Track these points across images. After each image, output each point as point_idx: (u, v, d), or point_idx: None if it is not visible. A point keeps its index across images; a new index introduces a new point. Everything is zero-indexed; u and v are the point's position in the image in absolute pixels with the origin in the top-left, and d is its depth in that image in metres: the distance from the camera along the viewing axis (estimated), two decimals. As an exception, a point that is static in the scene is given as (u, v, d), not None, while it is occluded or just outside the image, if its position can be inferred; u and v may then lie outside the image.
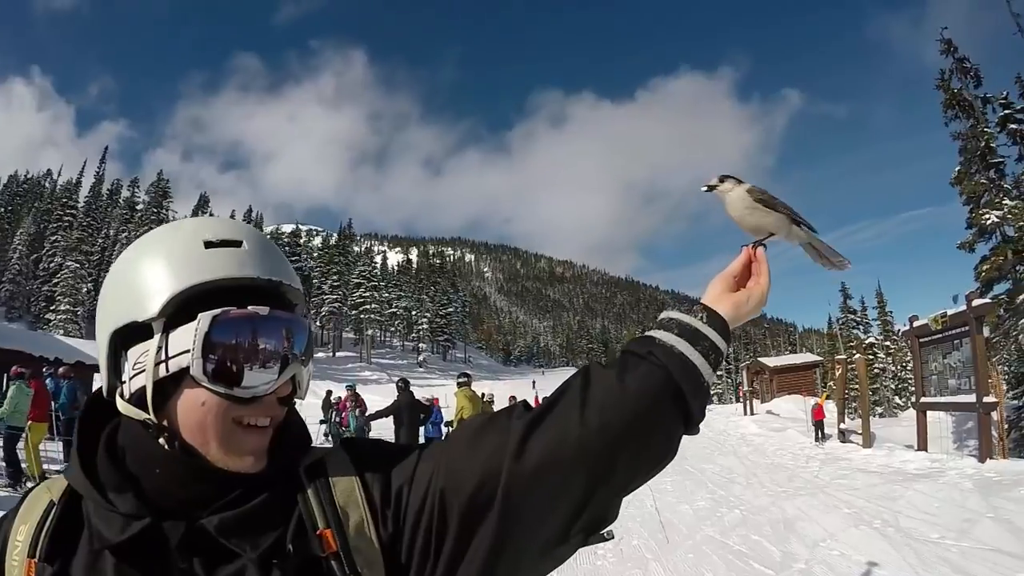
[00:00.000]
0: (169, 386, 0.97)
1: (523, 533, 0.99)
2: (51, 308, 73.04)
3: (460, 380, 13.89)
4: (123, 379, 1.00)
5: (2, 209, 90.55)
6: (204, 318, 0.95)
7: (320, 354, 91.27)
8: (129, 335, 0.99)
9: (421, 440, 15.03)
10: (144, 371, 0.97)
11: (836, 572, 7.31)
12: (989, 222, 22.85)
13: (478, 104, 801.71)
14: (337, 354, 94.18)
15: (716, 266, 1.27)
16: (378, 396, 38.10)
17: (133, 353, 0.99)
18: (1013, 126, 24.62)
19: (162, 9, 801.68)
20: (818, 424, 23.28)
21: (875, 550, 8.01)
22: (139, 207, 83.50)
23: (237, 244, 1.02)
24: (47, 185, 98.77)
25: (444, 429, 18.21)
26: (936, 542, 8.25)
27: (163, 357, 0.96)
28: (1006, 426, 16.81)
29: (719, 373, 1.26)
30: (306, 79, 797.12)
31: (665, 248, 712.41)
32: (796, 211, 1.41)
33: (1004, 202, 22.70)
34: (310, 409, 18.68)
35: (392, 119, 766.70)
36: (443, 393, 36.57)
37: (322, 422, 19.48)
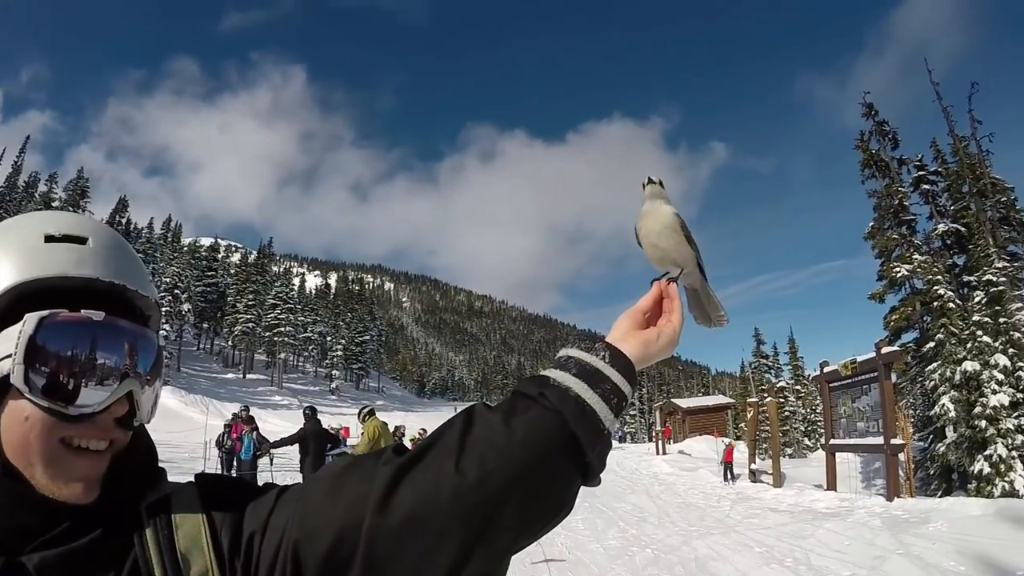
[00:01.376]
0: None
1: None
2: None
3: (364, 413, 13.53)
4: None
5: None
6: (30, 319, 0.85)
7: (230, 375, 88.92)
8: None
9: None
10: None
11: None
12: (899, 275, 24.08)
13: (412, 133, 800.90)
14: (248, 376, 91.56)
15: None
16: (287, 422, 37.27)
17: None
18: (926, 187, 26.34)
19: (106, 1, 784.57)
20: (727, 465, 23.68)
21: (788, 587, 7.97)
22: (55, 204, 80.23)
23: (81, 241, 0.92)
24: None
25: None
26: (847, 580, 8.26)
27: None
28: (912, 466, 17.46)
29: (630, 412, 1.04)
30: (243, 91, 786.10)
31: (585, 289, 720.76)
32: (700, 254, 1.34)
33: (914, 257, 23.92)
34: (213, 432, 17.85)
35: (325, 140, 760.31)
36: (354, 423, 36.05)
37: (218, 446, 18.05)
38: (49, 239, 0.90)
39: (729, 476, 23.43)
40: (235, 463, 16.22)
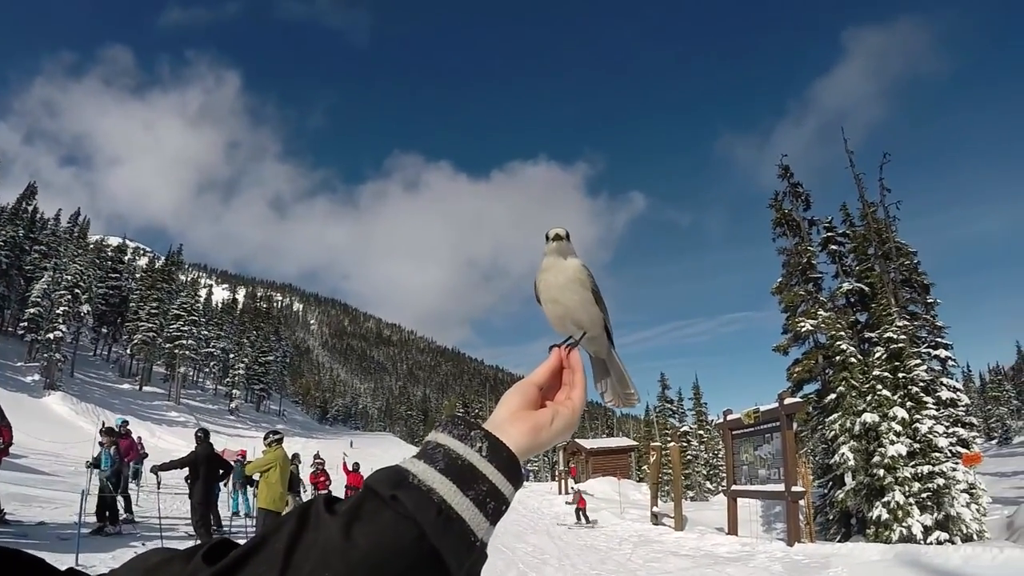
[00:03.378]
0: None
1: None
2: None
3: (271, 439, 12.67)
4: None
5: None
6: None
7: (126, 386, 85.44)
8: None
9: (219, 498, 14.12)
10: None
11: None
12: (804, 329, 25.02)
13: (338, 154, 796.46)
14: (144, 388, 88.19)
15: (545, 348, 1.02)
16: (183, 440, 36.04)
17: None
18: (834, 247, 27.57)
19: None
20: (579, 511, 24.34)
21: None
22: (-45, 179, 76.18)
23: None
24: None
25: (250, 490, 17.06)
26: (751, 625, 8.28)
27: None
28: (812, 511, 18.02)
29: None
30: (174, 89, 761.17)
31: (496, 325, 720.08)
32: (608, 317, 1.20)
33: (819, 312, 24.87)
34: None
35: (250, 151, 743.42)
36: (251, 445, 35.05)
37: (90, 465, 15.57)
38: None
39: (584, 519, 23.94)
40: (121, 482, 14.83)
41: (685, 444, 41.36)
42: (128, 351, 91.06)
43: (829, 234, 27.69)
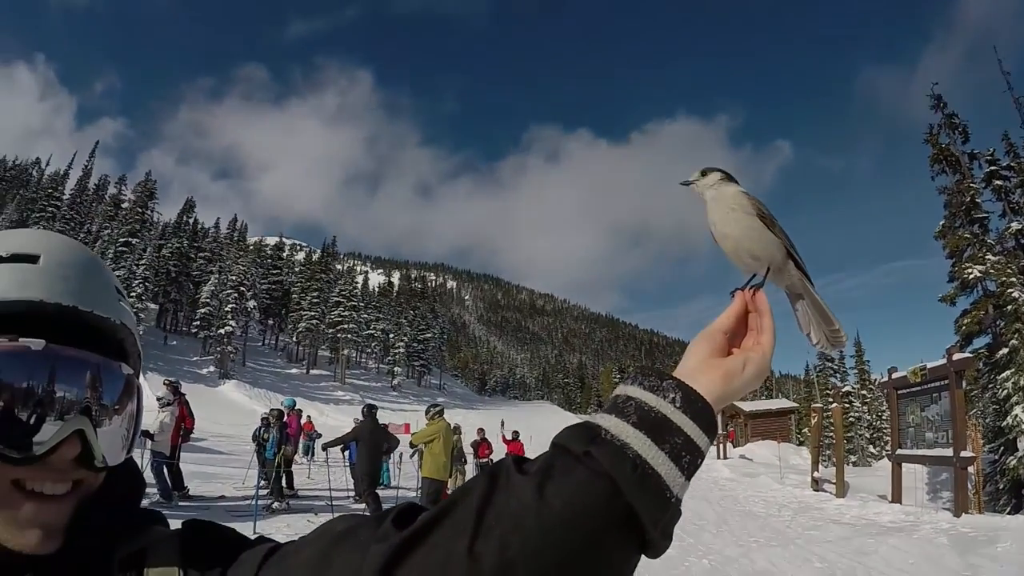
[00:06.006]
0: None
1: None
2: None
3: (433, 411, 13.17)
4: None
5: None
6: None
7: (294, 370, 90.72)
8: None
9: (385, 472, 14.58)
10: None
11: (807, 629, 6.98)
12: (971, 276, 23.05)
13: (476, 134, 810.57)
14: (311, 372, 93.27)
15: (700, 309, 0.86)
16: (348, 418, 37.74)
17: None
18: (998, 182, 25.03)
19: (175, 13, 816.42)
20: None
21: (848, 607, 7.72)
22: (124, 205, 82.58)
23: (32, 259, 0.83)
24: (35, 174, 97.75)
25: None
26: (911, 601, 7.97)
27: None
28: (982, 480, 16.86)
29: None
30: (310, 95, 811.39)
31: (648, 289, 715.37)
32: (792, 243, 1.06)
33: (987, 257, 22.89)
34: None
35: (390, 142, 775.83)
36: (415, 419, 36.35)
37: (256, 440, 16.43)
38: None
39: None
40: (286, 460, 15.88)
41: (847, 405, 39.19)
42: (294, 339, 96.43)
43: (992, 168, 25.20)
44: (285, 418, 16.60)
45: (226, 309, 73.82)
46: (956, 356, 15.90)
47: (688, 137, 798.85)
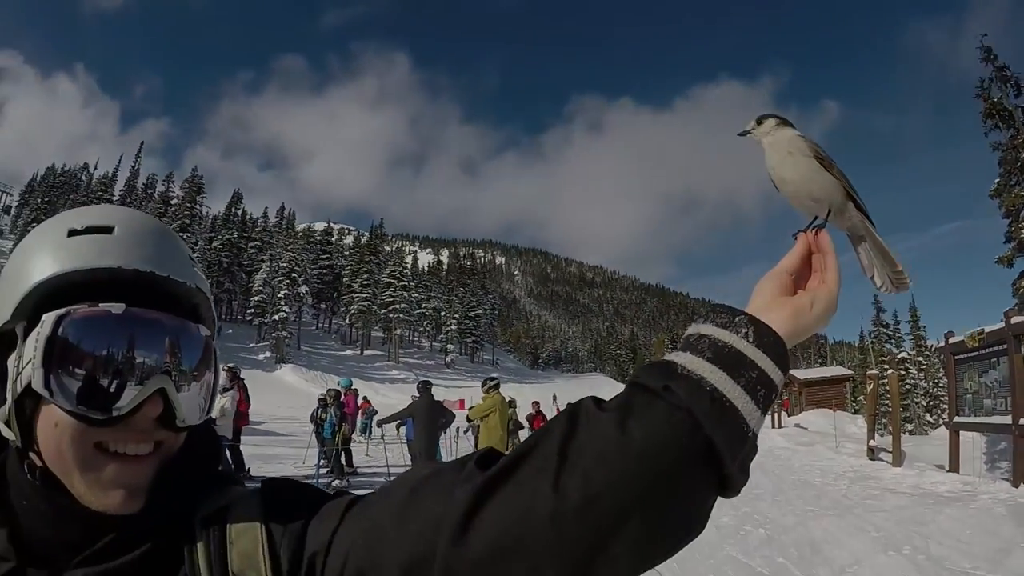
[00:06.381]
0: (29, 403, 0.80)
1: None
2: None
3: (488, 385, 13.27)
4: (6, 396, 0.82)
5: (39, 200, 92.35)
6: (47, 319, 0.78)
7: (348, 352, 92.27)
8: (8, 341, 0.82)
9: (441, 449, 14.77)
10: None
11: (862, 602, 6.99)
12: None
13: (518, 109, 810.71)
14: (365, 352, 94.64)
15: (752, 276, 0.90)
16: (404, 396, 38.24)
17: (9, 364, 0.81)
18: None
19: (208, 12, 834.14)
20: None
21: (904, 579, 7.71)
22: (173, 201, 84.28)
23: (107, 230, 0.84)
24: (83, 178, 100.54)
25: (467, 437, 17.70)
26: (969, 572, 7.93)
27: (20, 369, 0.79)
28: None
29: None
30: (348, 81, 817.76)
31: (698, 257, 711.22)
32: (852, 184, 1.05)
33: None
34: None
35: (432, 122, 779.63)
36: (469, 395, 36.59)
37: (314, 420, 16.85)
38: (72, 233, 0.83)
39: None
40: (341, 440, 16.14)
41: (903, 372, 38.60)
42: (347, 321, 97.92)
43: (1047, 122, 24.32)
44: (342, 398, 17.04)
45: (279, 296, 75.42)
46: (1014, 319, 15.40)
47: (732, 100, 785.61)
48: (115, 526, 0.80)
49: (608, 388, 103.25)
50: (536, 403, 22.75)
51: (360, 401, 23.28)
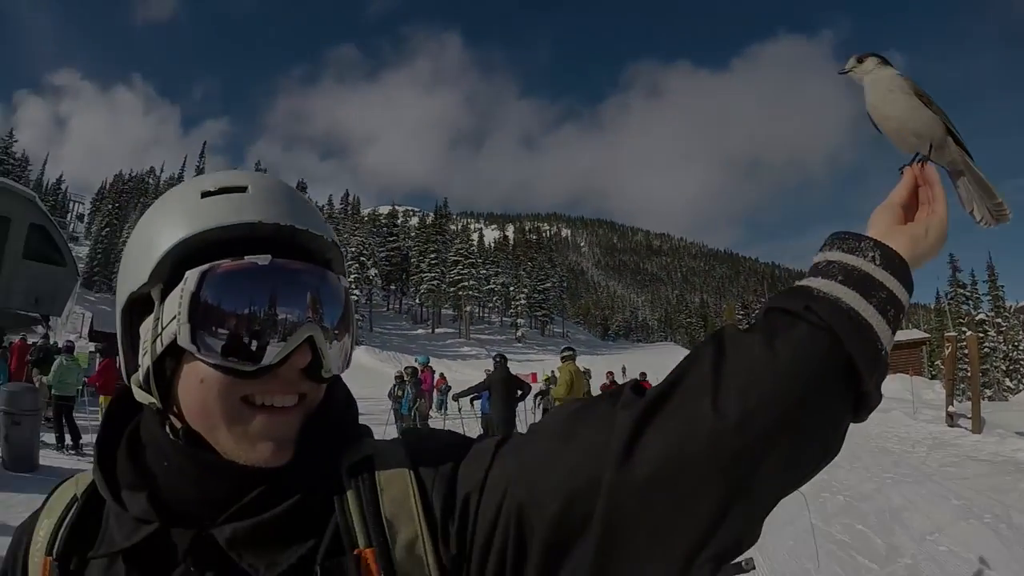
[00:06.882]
0: (170, 364, 0.81)
1: (630, 565, 0.72)
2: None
3: (565, 354, 13.51)
4: (139, 360, 0.84)
5: (111, 206, 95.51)
6: (191, 276, 0.78)
7: (420, 331, 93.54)
8: (140, 309, 0.85)
9: (518, 421, 15.04)
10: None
11: (944, 570, 7.03)
12: None
13: (574, 80, 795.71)
14: (436, 330, 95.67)
15: (821, 237, 0.86)
16: (477, 372, 38.66)
17: (143, 329, 0.84)
18: None
19: (257, 13, 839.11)
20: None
21: (985, 547, 7.66)
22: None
23: (241, 190, 0.84)
24: (151, 181, 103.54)
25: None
26: (1050, 541, 7.92)
27: (160, 330, 0.80)
28: None
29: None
30: (402, 65, 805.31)
31: (766, 221, 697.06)
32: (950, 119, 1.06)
33: None
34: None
35: (488, 99, 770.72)
36: (541, 368, 36.84)
37: (392, 397, 17.44)
38: (206, 194, 0.83)
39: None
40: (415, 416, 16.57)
41: (981, 335, 37.29)
42: (416, 300, 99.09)
43: None
44: (420, 374, 17.54)
45: (349, 280, 76.72)
46: (1097, 280, 15.03)
47: (792, 56, 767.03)
48: (264, 479, 0.80)
49: (679, 357, 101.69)
50: (610, 373, 23.18)
51: (436, 378, 23.76)
